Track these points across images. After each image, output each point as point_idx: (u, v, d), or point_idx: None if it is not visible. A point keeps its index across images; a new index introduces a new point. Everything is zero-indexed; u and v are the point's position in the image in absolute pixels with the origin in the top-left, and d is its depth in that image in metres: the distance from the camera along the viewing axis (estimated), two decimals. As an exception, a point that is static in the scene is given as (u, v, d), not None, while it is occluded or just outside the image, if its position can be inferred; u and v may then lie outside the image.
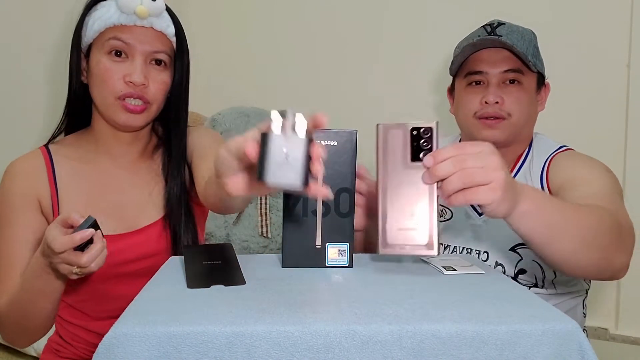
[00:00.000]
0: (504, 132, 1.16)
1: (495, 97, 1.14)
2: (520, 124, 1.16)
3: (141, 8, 0.96)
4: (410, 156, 0.77)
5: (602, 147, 1.82)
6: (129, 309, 0.67)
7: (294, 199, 0.85)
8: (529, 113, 1.18)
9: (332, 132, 0.85)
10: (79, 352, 1.10)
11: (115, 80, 0.98)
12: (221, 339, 0.60)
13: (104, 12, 0.98)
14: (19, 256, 0.98)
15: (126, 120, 1.01)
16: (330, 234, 0.86)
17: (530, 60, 1.14)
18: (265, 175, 0.58)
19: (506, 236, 1.15)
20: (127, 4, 0.96)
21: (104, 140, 1.07)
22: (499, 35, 1.14)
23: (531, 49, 1.16)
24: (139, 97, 0.99)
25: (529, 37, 1.17)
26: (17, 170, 1.04)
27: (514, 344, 0.62)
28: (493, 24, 1.19)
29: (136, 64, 0.98)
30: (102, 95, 1.00)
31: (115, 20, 0.97)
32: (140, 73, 0.98)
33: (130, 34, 0.98)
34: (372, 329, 0.62)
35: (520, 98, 1.15)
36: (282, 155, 0.58)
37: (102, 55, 0.99)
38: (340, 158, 0.85)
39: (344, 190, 0.85)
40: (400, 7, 2.10)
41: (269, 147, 0.58)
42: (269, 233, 1.96)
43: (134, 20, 0.98)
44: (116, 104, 0.99)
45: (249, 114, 2.08)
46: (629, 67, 1.77)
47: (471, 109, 1.18)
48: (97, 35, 1.00)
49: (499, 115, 1.15)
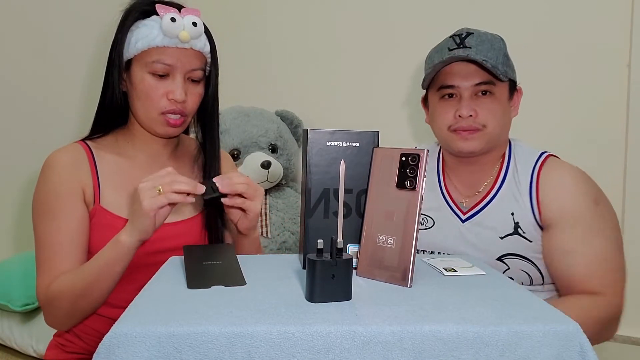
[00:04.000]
0: (480, 143, 1.16)
1: (469, 110, 1.14)
2: (495, 133, 1.17)
3: (184, 33, 1.02)
4: (396, 182, 0.79)
5: (603, 147, 1.82)
6: (129, 309, 0.67)
7: (315, 199, 0.85)
8: (503, 121, 1.18)
9: (354, 133, 0.85)
10: (86, 346, 1.12)
11: (159, 97, 1.05)
12: (221, 339, 0.60)
13: (146, 32, 1.03)
14: (66, 245, 1.02)
15: (166, 132, 1.09)
16: (351, 235, 0.86)
17: (500, 71, 1.13)
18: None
19: (492, 246, 1.16)
20: (171, 29, 1.01)
21: (141, 139, 1.14)
22: (468, 47, 1.13)
23: (501, 57, 1.14)
24: (180, 112, 1.07)
25: (498, 45, 1.15)
26: (60, 161, 1.06)
27: (515, 345, 0.62)
28: (462, 34, 1.17)
29: (177, 82, 1.05)
30: (145, 109, 1.07)
31: (159, 42, 1.03)
32: (181, 91, 1.05)
33: (172, 55, 1.04)
34: (373, 330, 0.62)
35: (493, 109, 1.15)
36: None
37: (144, 73, 1.05)
38: (362, 159, 0.85)
39: (365, 191, 0.85)
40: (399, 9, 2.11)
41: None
42: (269, 233, 1.96)
43: (176, 42, 1.03)
44: (159, 119, 1.07)
45: (249, 113, 2.08)
46: (629, 67, 1.77)
47: (446, 122, 1.18)
48: (139, 52, 1.05)
49: (473, 127, 1.15)
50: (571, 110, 1.86)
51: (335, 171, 0.85)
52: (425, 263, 0.91)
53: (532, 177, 1.17)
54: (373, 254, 0.81)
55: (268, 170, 1.95)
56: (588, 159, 1.80)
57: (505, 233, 1.16)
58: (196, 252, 0.89)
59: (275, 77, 2.33)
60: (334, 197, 0.85)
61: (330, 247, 0.70)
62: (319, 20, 2.26)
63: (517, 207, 1.16)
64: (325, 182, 0.85)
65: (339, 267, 0.70)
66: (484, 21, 1.94)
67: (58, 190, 1.04)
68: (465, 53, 1.12)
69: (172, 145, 1.18)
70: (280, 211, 2.02)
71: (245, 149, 2.00)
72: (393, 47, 2.11)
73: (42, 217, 1.04)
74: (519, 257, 1.15)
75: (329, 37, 2.24)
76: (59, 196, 1.03)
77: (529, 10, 1.90)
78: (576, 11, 1.84)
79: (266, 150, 2.03)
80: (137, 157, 1.13)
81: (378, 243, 0.81)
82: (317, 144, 0.84)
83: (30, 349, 1.76)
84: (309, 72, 2.28)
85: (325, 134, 0.84)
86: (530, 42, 1.89)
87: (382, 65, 2.15)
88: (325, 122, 2.18)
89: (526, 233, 1.14)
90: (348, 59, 2.21)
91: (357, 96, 2.18)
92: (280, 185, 2.09)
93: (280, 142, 2.07)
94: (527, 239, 1.14)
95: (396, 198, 0.80)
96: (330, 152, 0.85)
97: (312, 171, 0.85)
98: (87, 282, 0.97)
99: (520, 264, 1.16)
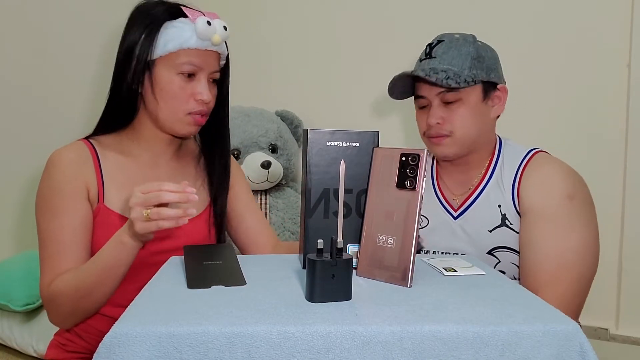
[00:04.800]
0: (451, 148, 1.20)
1: (435, 118, 1.19)
2: (466, 137, 1.19)
3: (217, 36, 1.05)
4: (396, 182, 0.79)
5: (603, 148, 1.82)
6: (129, 309, 0.67)
7: (315, 199, 0.85)
8: (476, 124, 1.20)
9: (354, 133, 0.85)
10: (87, 345, 1.12)
11: (187, 97, 1.07)
12: (221, 339, 0.61)
13: (178, 33, 1.03)
14: (69, 243, 1.02)
15: (189, 132, 1.11)
16: (351, 235, 0.86)
17: (462, 79, 1.15)
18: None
19: (482, 240, 1.19)
20: (206, 32, 1.03)
21: (147, 139, 1.14)
22: (433, 57, 1.18)
23: (468, 62, 1.17)
24: (205, 113, 1.10)
25: (466, 49, 1.17)
26: (63, 158, 1.06)
27: (515, 345, 0.62)
28: (433, 43, 1.22)
29: (203, 83, 1.07)
30: (171, 109, 1.07)
31: (192, 44, 1.04)
32: (209, 92, 1.08)
33: (201, 57, 1.06)
34: (373, 330, 0.62)
35: (461, 114, 1.18)
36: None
37: (173, 74, 1.05)
38: (362, 159, 0.86)
39: (365, 191, 0.85)
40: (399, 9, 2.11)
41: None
42: (269, 233, 1.96)
43: (207, 45, 1.05)
44: (186, 119, 1.08)
45: (249, 113, 2.08)
46: (629, 67, 1.77)
47: (421, 128, 1.26)
48: (167, 53, 1.05)
49: (440, 134, 1.20)
50: (571, 110, 1.86)
51: (335, 171, 0.85)
52: (425, 263, 0.91)
53: (517, 171, 1.20)
54: (373, 254, 0.81)
55: (268, 170, 1.95)
56: (588, 158, 1.80)
57: (493, 226, 1.19)
58: (196, 252, 0.89)
59: (275, 77, 2.33)
60: (334, 197, 0.85)
61: (330, 247, 0.70)
62: (319, 20, 2.26)
63: (503, 200, 1.19)
64: (325, 182, 0.85)
65: (339, 267, 0.70)
66: (483, 21, 1.94)
67: (61, 188, 1.04)
68: (431, 65, 1.17)
69: (175, 145, 1.18)
70: (280, 211, 2.02)
71: (245, 149, 2.00)
72: (393, 47, 2.11)
73: (45, 214, 1.04)
74: (508, 250, 1.18)
75: (329, 37, 2.24)
76: (62, 194, 1.03)
77: (528, 10, 1.90)
78: (576, 11, 1.84)
79: (266, 150, 2.03)
80: (141, 157, 1.14)
81: (378, 243, 0.81)
82: (317, 144, 0.85)
83: (31, 349, 1.76)
84: (309, 72, 2.27)
85: (325, 134, 0.85)
86: (530, 42, 1.89)
87: (382, 65, 2.15)
88: (325, 122, 2.18)
89: (513, 224, 1.17)
90: (348, 59, 2.21)
91: (357, 96, 2.18)
92: (280, 185, 2.09)
93: (280, 142, 2.07)
94: (514, 230, 1.17)
95: (396, 198, 0.80)
96: (330, 152, 0.85)
97: (312, 171, 0.85)
98: (90, 282, 0.97)
99: (509, 257, 1.18)
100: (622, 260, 1.80)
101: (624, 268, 1.80)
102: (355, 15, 2.19)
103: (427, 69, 1.17)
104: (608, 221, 1.77)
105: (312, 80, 2.27)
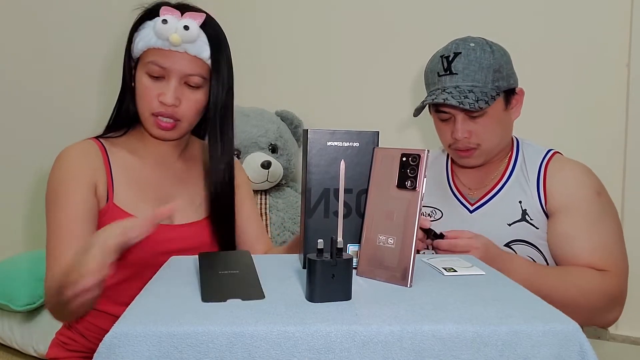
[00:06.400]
0: (478, 159, 1.25)
1: (463, 133, 1.20)
2: (492, 147, 1.23)
3: (174, 36, 1.03)
4: (396, 182, 0.79)
5: (603, 148, 1.82)
6: (130, 308, 0.67)
7: (315, 199, 0.85)
8: (501, 132, 1.24)
9: (354, 133, 0.85)
10: (89, 344, 1.12)
11: (152, 97, 1.06)
12: (222, 339, 0.61)
13: (146, 33, 1.05)
14: (74, 233, 1.00)
15: (158, 134, 1.10)
16: (351, 235, 0.86)
17: (489, 91, 1.16)
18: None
19: (500, 233, 1.21)
20: (161, 31, 1.03)
21: (151, 140, 1.15)
22: (454, 73, 1.17)
23: (491, 75, 1.17)
24: (170, 116, 1.07)
25: (487, 61, 1.17)
26: (73, 154, 1.07)
27: (515, 344, 0.62)
28: (449, 56, 1.19)
29: (170, 85, 1.05)
30: (140, 108, 1.09)
31: (154, 43, 1.05)
32: (172, 95, 1.05)
33: (166, 58, 1.05)
34: (373, 330, 0.62)
35: (487, 127, 1.20)
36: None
37: (142, 73, 1.07)
38: (362, 159, 0.86)
39: (365, 191, 0.85)
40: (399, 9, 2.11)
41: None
42: (269, 233, 1.96)
43: (168, 45, 1.04)
44: (151, 119, 1.08)
45: (249, 114, 2.08)
46: (629, 67, 1.77)
47: (446, 142, 1.27)
48: (141, 53, 1.07)
49: (469, 147, 1.22)
50: (571, 109, 1.86)
51: (335, 171, 0.85)
52: (425, 263, 0.92)
53: (539, 170, 1.23)
54: (373, 253, 0.81)
55: (268, 170, 1.95)
56: (588, 158, 1.79)
57: (513, 220, 1.21)
58: (212, 259, 0.85)
59: (275, 77, 2.33)
60: (334, 197, 0.85)
61: (330, 247, 0.70)
62: (320, 20, 2.26)
63: (525, 196, 1.22)
64: (325, 182, 0.85)
65: (339, 267, 0.70)
66: (483, 21, 1.94)
67: (67, 181, 1.03)
68: (453, 83, 1.17)
69: (180, 148, 1.19)
70: (280, 211, 2.02)
71: (245, 149, 2.00)
72: (393, 48, 2.11)
73: (52, 206, 1.03)
74: (525, 244, 1.20)
75: (330, 37, 2.24)
76: (68, 188, 1.03)
77: (528, 11, 1.90)
78: (576, 11, 1.84)
79: (266, 151, 2.03)
80: (147, 158, 1.15)
81: (378, 243, 0.81)
82: (317, 144, 0.85)
83: (31, 349, 1.76)
84: (309, 72, 2.28)
85: (326, 134, 0.85)
86: (530, 42, 1.89)
87: (383, 65, 2.16)
88: (325, 122, 2.19)
89: (533, 220, 1.20)
90: (348, 59, 2.21)
91: (357, 96, 2.18)
92: (280, 185, 2.10)
93: (280, 142, 2.07)
94: (534, 226, 1.20)
95: (396, 198, 0.80)
96: (330, 152, 0.85)
97: (312, 171, 0.85)
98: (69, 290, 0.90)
99: (526, 250, 1.20)
100: (621, 260, 1.80)
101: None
102: (355, 15, 2.19)
103: (451, 87, 1.16)
104: (608, 221, 1.77)
105: (312, 80, 2.27)
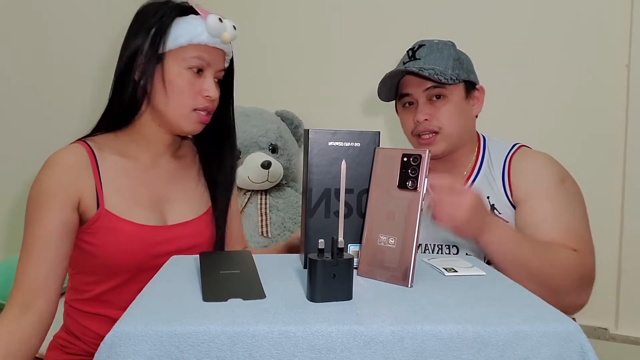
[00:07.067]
0: (440, 146, 1.26)
1: (424, 115, 1.24)
2: (452, 134, 1.25)
3: (226, 34, 1.06)
4: (397, 182, 0.80)
5: (602, 147, 1.83)
6: (130, 308, 0.67)
7: (316, 199, 0.85)
8: (461, 121, 1.26)
9: (356, 133, 0.86)
10: (87, 347, 1.11)
11: (195, 93, 1.07)
12: (223, 338, 0.61)
13: (190, 28, 1.05)
14: (44, 256, 0.99)
15: (194, 128, 1.10)
16: (352, 235, 0.86)
17: (449, 75, 1.22)
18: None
19: None
20: (216, 29, 1.05)
21: (147, 139, 1.13)
22: (418, 59, 1.24)
23: (451, 62, 1.23)
24: (210, 110, 1.10)
25: (447, 51, 1.24)
26: (59, 163, 1.03)
27: (515, 345, 0.62)
28: (415, 47, 1.27)
29: (210, 80, 1.08)
30: (177, 104, 1.07)
31: (202, 39, 1.05)
32: (216, 90, 1.09)
33: (210, 54, 1.07)
34: (374, 330, 0.62)
35: (448, 110, 1.24)
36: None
37: (182, 68, 1.06)
38: (364, 159, 0.86)
39: (366, 191, 0.86)
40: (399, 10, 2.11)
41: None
42: (269, 233, 1.96)
43: (216, 42, 1.07)
44: (192, 115, 1.08)
45: (249, 113, 2.08)
46: (629, 67, 1.77)
47: (408, 128, 1.30)
48: (177, 48, 1.05)
49: (429, 129, 1.25)
50: (570, 109, 1.87)
51: (336, 171, 0.85)
52: (426, 263, 0.92)
53: (504, 164, 1.26)
54: (374, 254, 0.81)
55: (268, 170, 1.95)
56: (587, 158, 1.80)
57: None
58: (213, 259, 0.86)
59: (275, 77, 2.33)
60: (335, 197, 0.85)
61: (331, 246, 0.70)
62: (320, 20, 2.26)
63: (492, 191, 1.24)
64: (326, 182, 0.85)
65: (339, 266, 0.70)
66: (482, 21, 1.94)
67: (46, 195, 1.00)
68: (416, 66, 1.22)
69: (175, 146, 1.18)
70: (280, 211, 2.02)
71: (246, 149, 2.00)
72: (393, 48, 2.10)
73: (29, 218, 1.01)
74: None
75: (330, 37, 2.24)
76: (46, 203, 1.00)
77: (527, 10, 1.90)
78: (576, 11, 1.84)
79: (266, 151, 2.03)
80: (139, 158, 1.12)
81: (379, 243, 0.81)
82: (318, 144, 0.85)
83: (31, 349, 1.75)
84: (309, 73, 2.28)
85: (327, 134, 0.85)
86: (529, 42, 1.89)
87: (383, 65, 2.15)
88: (325, 122, 2.19)
89: (502, 214, 1.22)
90: (348, 59, 2.21)
91: (358, 96, 2.18)
92: (280, 185, 2.10)
93: (280, 142, 2.07)
94: (502, 219, 1.21)
95: (397, 198, 0.80)
96: (331, 152, 0.85)
97: (313, 171, 0.85)
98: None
99: None
100: (621, 260, 1.80)
101: (623, 268, 1.80)
102: (356, 15, 2.19)
103: (415, 68, 1.22)
104: (607, 221, 1.77)
105: (312, 80, 2.27)
